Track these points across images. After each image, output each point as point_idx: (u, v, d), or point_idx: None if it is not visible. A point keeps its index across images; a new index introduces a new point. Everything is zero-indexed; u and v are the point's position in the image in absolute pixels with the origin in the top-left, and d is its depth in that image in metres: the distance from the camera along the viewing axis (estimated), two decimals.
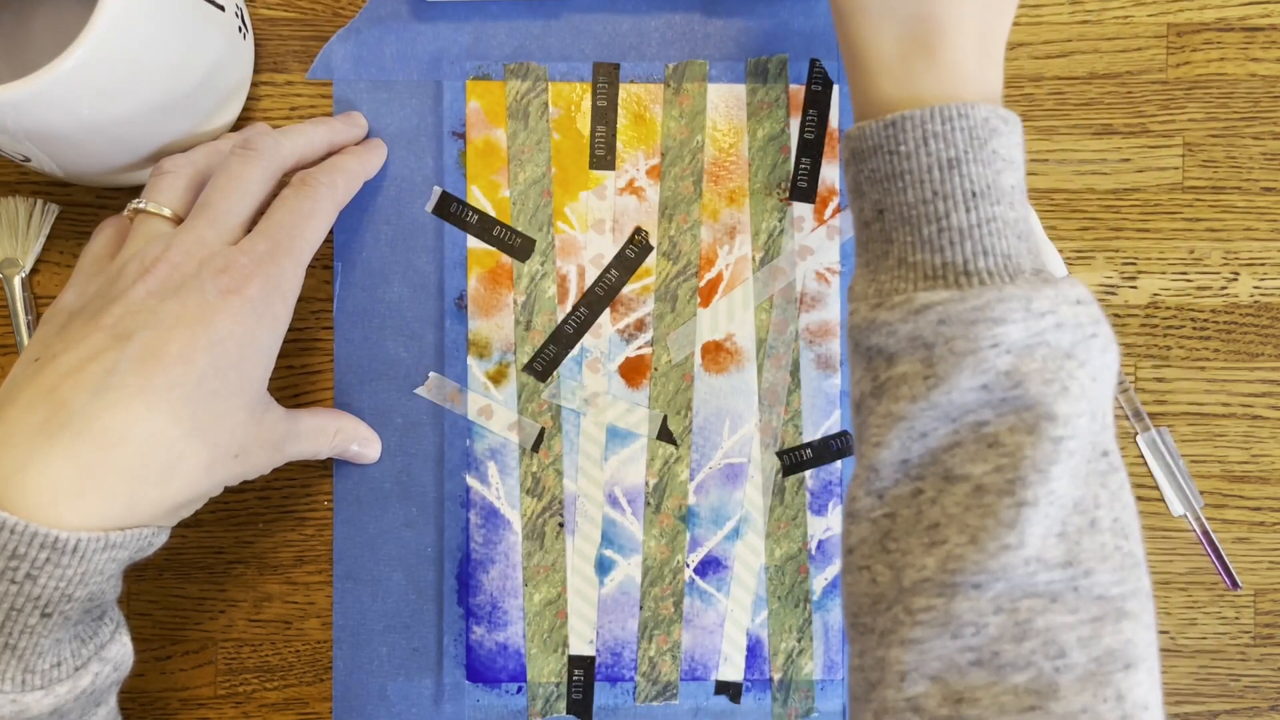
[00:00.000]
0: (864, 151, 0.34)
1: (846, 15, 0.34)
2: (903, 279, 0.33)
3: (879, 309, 0.33)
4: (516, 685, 0.46)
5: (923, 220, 0.32)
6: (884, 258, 0.33)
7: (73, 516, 0.32)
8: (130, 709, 0.46)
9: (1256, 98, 0.46)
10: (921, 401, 0.32)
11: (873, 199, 0.33)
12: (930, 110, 0.32)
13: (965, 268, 0.32)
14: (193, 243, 0.36)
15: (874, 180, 0.33)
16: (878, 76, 0.34)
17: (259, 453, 0.37)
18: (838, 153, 0.46)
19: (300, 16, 0.46)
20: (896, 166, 0.33)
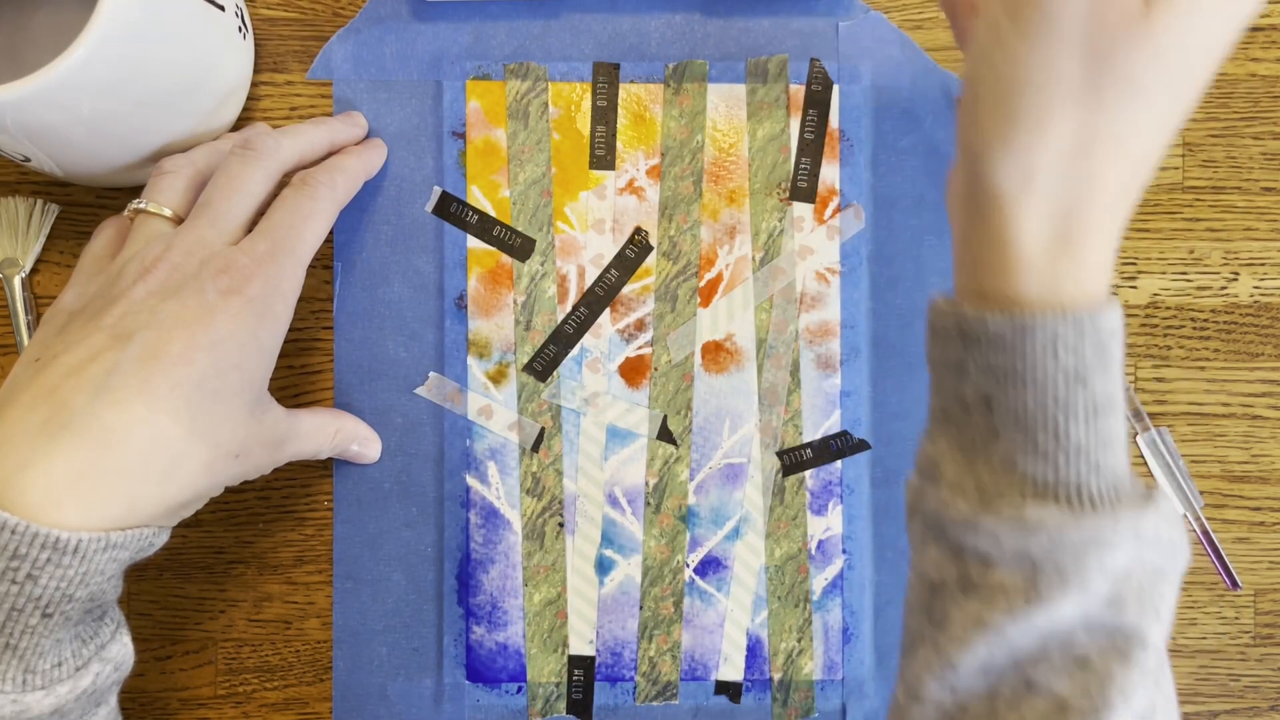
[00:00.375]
0: (980, 339, 0.31)
1: (998, 196, 0.31)
2: (1010, 484, 0.31)
3: (984, 512, 0.31)
4: (516, 685, 0.46)
5: (1039, 428, 0.31)
6: (987, 452, 0.32)
7: (74, 517, 0.32)
8: (130, 709, 0.46)
9: (1256, 98, 0.46)
10: (1019, 617, 0.31)
11: (981, 388, 0.32)
12: (1066, 318, 0.30)
13: (1078, 487, 0.31)
14: (193, 243, 0.36)
15: (987, 371, 0.31)
16: (1016, 268, 0.31)
17: (259, 452, 0.37)
18: (837, 151, 0.46)
19: (300, 16, 0.46)
20: (1018, 367, 0.31)
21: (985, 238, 0.32)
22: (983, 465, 0.32)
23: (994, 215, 0.31)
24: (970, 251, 0.33)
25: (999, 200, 0.31)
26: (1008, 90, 0.30)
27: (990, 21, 0.31)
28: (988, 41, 0.31)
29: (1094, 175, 0.30)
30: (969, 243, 0.33)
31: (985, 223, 0.32)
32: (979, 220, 0.32)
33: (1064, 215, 0.31)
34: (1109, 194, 0.31)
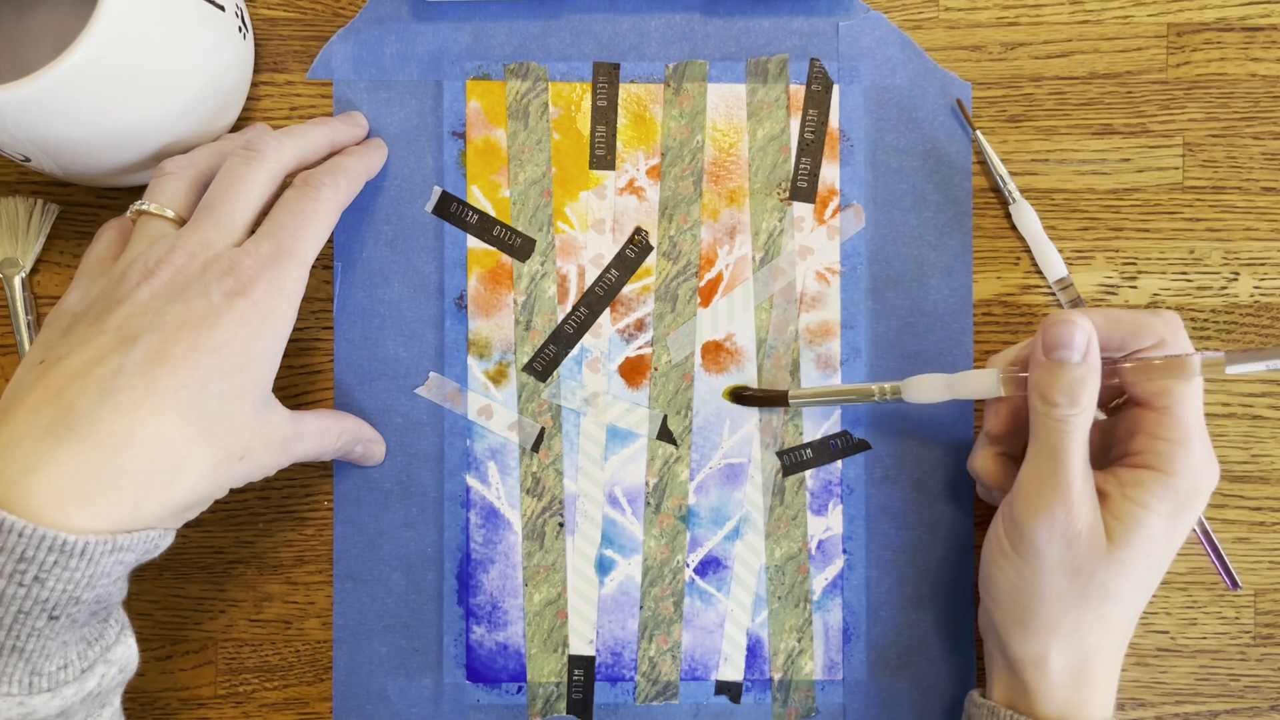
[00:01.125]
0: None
1: (1021, 663, 0.40)
2: None
3: None
4: (516, 685, 0.46)
5: None
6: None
7: (80, 519, 0.32)
8: (131, 709, 0.46)
9: (1256, 98, 0.46)
10: None
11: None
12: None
13: None
14: (196, 244, 0.36)
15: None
16: (1043, 688, 0.40)
17: (264, 454, 0.37)
18: (837, 151, 0.46)
19: (300, 16, 0.46)
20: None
21: (1015, 680, 0.40)
22: None
23: (1020, 671, 0.40)
24: (1002, 676, 0.41)
25: (1024, 666, 0.40)
26: (1015, 592, 0.39)
27: (997, 539, 0.40)
28: (997, 555, 0.40)
29: (1090, 647, 0.39)
30: (999, 671, 0.41)
31: (1014, 672, 0.40)
32: (1010, 668, 0.41)
33: (1073, 673, 0.39)
34: (1104, 655, 0.40)
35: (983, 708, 0.41)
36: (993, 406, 0.42)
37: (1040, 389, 0.38)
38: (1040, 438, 0.38)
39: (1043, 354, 0.38)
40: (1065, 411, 0.37)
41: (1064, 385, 0.37)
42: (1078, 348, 0.37)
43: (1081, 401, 0.37)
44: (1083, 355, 0.37)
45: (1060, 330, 0.37)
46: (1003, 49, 0.46)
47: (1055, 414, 0.37)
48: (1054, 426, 0.37)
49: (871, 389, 0.43)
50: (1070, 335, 0.37)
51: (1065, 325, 0.37)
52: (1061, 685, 0.39)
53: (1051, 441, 0.37)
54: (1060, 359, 0.37)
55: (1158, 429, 0.38)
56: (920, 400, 0.42)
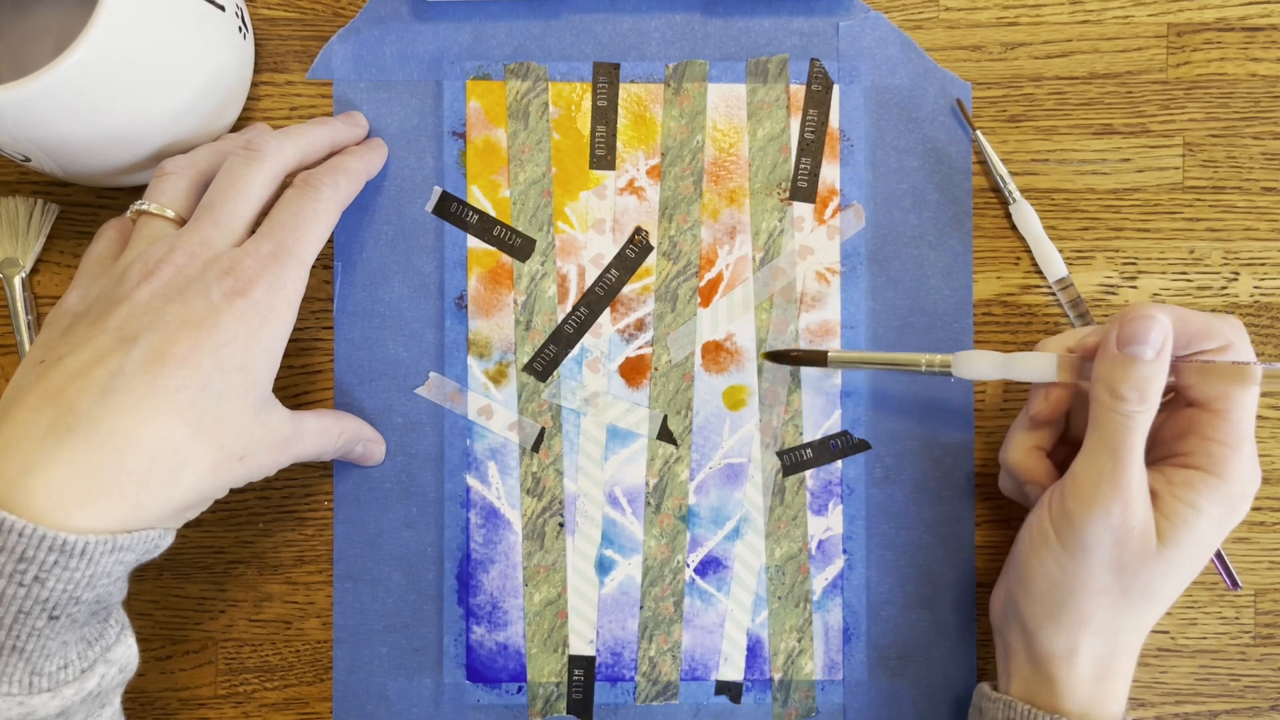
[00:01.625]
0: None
1: (1050, 656, 0.40)
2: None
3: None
4: (516, 685, 0.46)
5: None
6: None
7: (80, 519, 0.32)
8: (131, 709, 0.46)
9: (1256, 98, 0.46)
10: None
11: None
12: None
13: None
14: (197, 244, 0.36)
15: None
16: (1069, 682, 0.40)
17: (264, 454, 0.37)
18: (837, 151, 0.46)
19: (300, 16, 0.46)
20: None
21: (1038, 674, 0.40)
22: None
23: (1046, 664, 0.40)
24: (1021, 669, 0.41)
25: (1051, 659, 0.40)
26: (1054, 586, 0.39)
27: (1041, 531, 0.40)
28: (1040, 547, 0.40)
29: (1120, 644, 0.39)
30: (1019, 663, 0.41)
31: (1038, 665, 0.40)
32: (1033, 661, 0.41)
33: (1099, 668, 0.39)
34: (1131, 652, 0.40)
35: (997, 702, 0.41)
36: (1041, 391, 0.42)
37: (1109, 382, 0.37)
38: (1102, 431, 0.38)
39: (1115, 346, 0.37)
40: (1133, 407, 0.37)
41: (1134, 380, 0.37)
42: (1154, 344, 0.37)
43: (1150, 398, 0.37)
44: (1157, 352, 0.37)
45: (1138, 325, 0.37)
46: (1003, 49, 0.46)
47: (1122, 409, 0.37)
48: (1119, 421, 0.37)
49: (919, 359, 0.42)
50: (1148, 331, 0.37)
51: (1145, 320, 0.37)
52: (1087, 680, 0.39)
53: (1115, 436, 0.37)
54: (1134, 354, 0.37)
55: (1213, 431, 0.38)
56: (970, 377, 0.41)
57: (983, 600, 0.46)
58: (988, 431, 0.47)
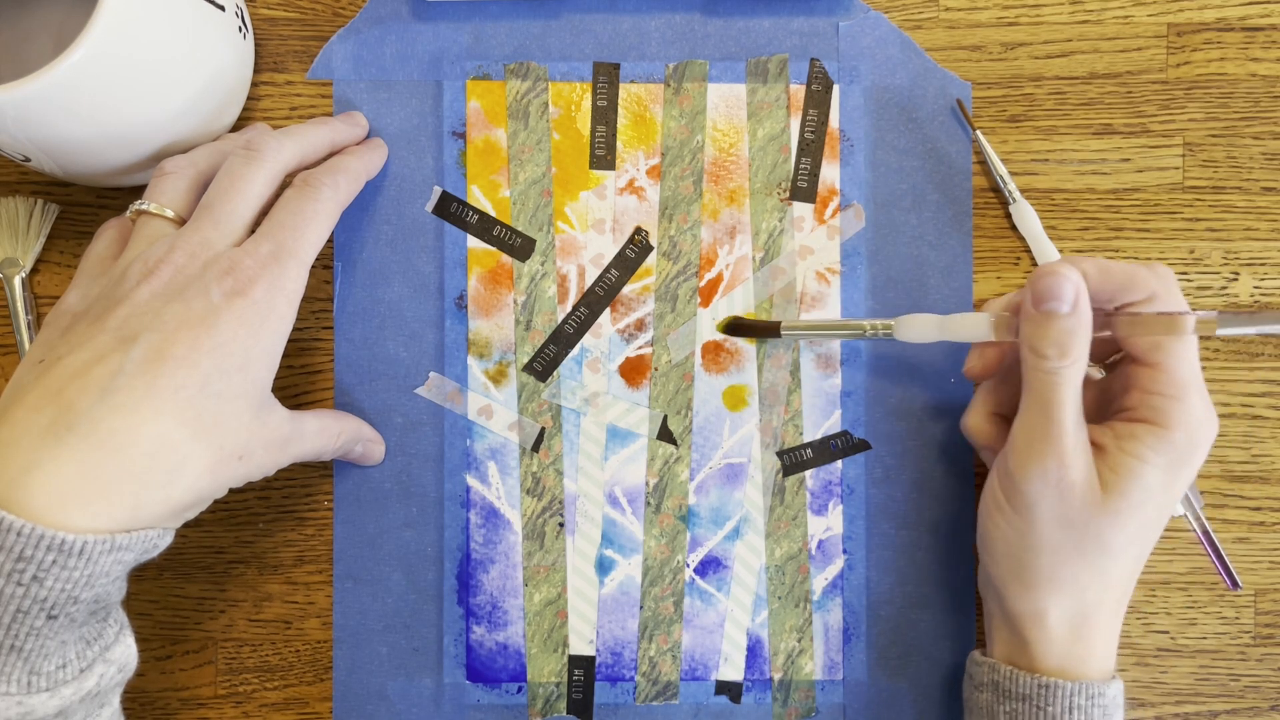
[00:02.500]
0: (1010, 692, 0.40)
1: (1021, 618, 0.40)
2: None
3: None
4: (516, 685, 0.46)
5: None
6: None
7: (79, 519, 0.32)
8: (131, 709, 0.46)
9: (1256, 98, 0.46)
10: None
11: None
12: (1078, 685, 0.39)
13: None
14: (196, 244, 0.36)
15: (1013, 718, 0.40)
16: (1042, 643, 0.40)
17: (264, 454, 0.37)
18: (837, 151, 0.46)
19: (300, 16, 0.46)
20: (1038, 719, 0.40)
21: (1015, 636, 0.41)
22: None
23: (1019, 626, 0.40)
24: (1001, 633, 0.42)
25: (1022, 619, 0.40)
26: (1010, 547, 0.40)
27: (993, 495, 0.40)
28: (992, 509, 0.40)
29: (1088, 601, 0.39)
30: (999, 628, 0.42)
31: (1013, 627, 0.41)
32: (1008, 624, 0.41)
33: (1072, 627, 0.40)
34: (1104, 609, 0.40)
35: (983, 665, 0.42)
36: (978, 349, 0.42)
37: (1030, 341, 0.38)
38: (1032, 389, 0.38)
39: (1032, 306, 0.38)
40: (1055, 363, 0.37)
41: (1053, 337, 0.37)
42: (1066, 299, 0.37)
43: (1072, 353, 0.37)
44: (1071, 306, 0.37)
45: (1048, 282, 0.37)
46: (1003, 49, 0.46)
47: (1045, 365, 0.37)
48: (1044, 379, 0.37)
49: (863, 324, 0.43)
50: (1059, 287, 0.37)
51: (1053, 277, 0.37)
52: (1061, 639, 0.40)
53: (1043, 393, 0.38)
54: (1050, 310, 0.37)
55: (1151, 384, 0.38)
56: (910, 339, 0.42)
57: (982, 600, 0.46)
58: None
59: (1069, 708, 0.39)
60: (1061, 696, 0.39)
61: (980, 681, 0.42)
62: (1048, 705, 0.39)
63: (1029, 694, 0.40)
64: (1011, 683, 0.40)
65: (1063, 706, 0.39)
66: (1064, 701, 0.39)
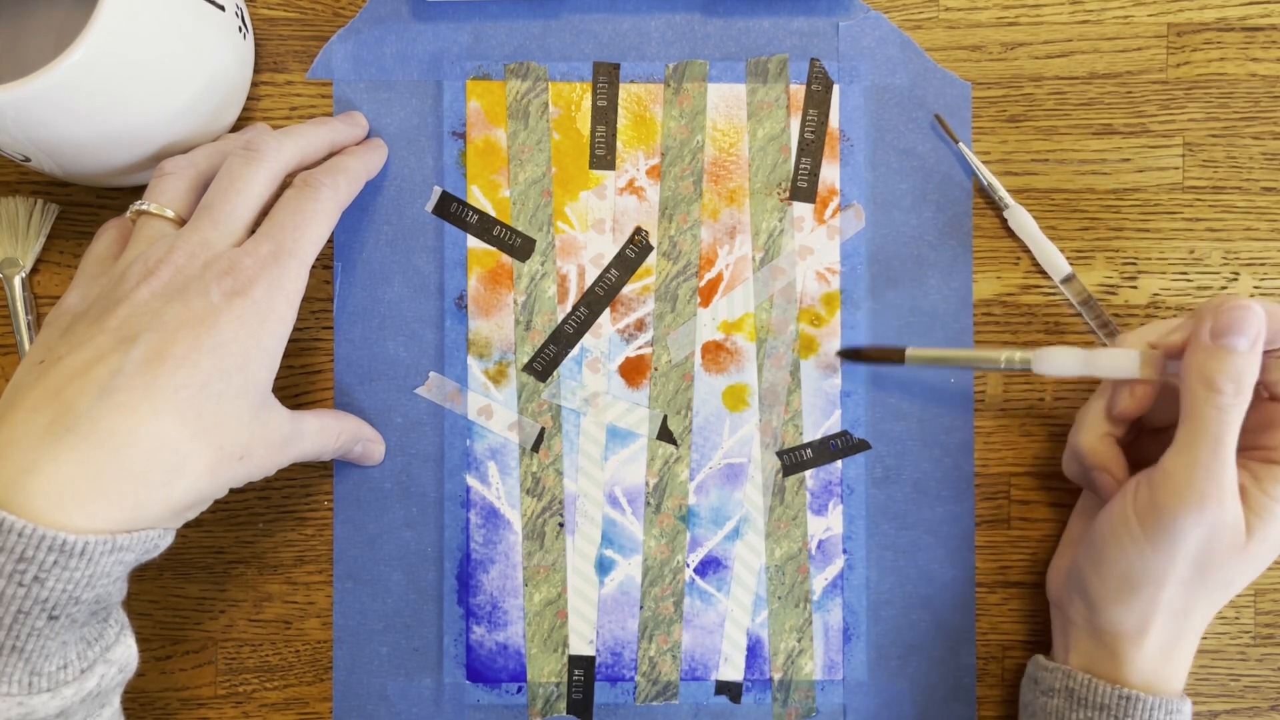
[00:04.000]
0: (1086, 700, 0.40)
1: (1117, 635, 0.40)
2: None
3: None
4: (516, 685, 0.46)
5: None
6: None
7: (79, 519, 0.32)
8: (131, 709, 0.46)
9: (1256, 98, 0.46)
10: None
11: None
12: (1159, 700, 0.39)
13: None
14: (196, 244, 0.36)
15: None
16: (1133, 659, 0.40)
17: (263, 454, 0.37)
18: (837, 151, 0.46)
19: (300, 16, 0.46)
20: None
21: (1102, 649, 0.41)
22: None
23: (1111, 641, 0.40)
24: (1082, 642, 0.41)
25: (1118, 637, 0.40)
26: (1131, 573, 0.39)
27: (1124, 520, 0.39)
28: (1121, 534, 0.39)
29: (1188, 627, 0.40)
30: (1081, 637, 0.41)
31: (1102, 640, 0.41)
32: (1096, 636, 0.41)
33: (1165, 647, 0.40)
34: (1198, 632, 0.40)
35: (1055, 671, 0.41)
36: (1127, 388, 0.41)
37: (1205, 374, 0.37)
38: (1196, 424, 0.37)
39: (1209, 337, 0.37)
40: (1229, 400, 0.36)
41: (1230, 372, 0.36)
42: (1249, 335, 0.36)
43: (1245, 390, 0.36)
44: (1251, 343, 0.36)
45: (1236, 315, 0.36)
46: (1003, 49, 0.46)
47: (1218, 402, 0.36)
48: (1214, 415, 0.36)
49: (999, 357, 0.42)
50: (1244, 322, 0.36)
51: (1241, 310, 0.36)
52: (1152, 657, 0.40)
53: (1211, 430, 0.36)
54: (1229, 345, 0.36)
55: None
56: (1051, 374, 0.41)
57: (983, 600, 0.46)
58: (987, 432, 0.47)
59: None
60: (1142, 710, 0.39)
61: (1050, 687, 0.41)
62: (1126, 717, 0.39)
63: (1108, 704, 0.39)
64: (1089, 691, 0.40)
65: (1141, 719, 0.39)
66: (1143, 715, 0.39)
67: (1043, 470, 0.47)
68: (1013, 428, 0.47)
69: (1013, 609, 0.47)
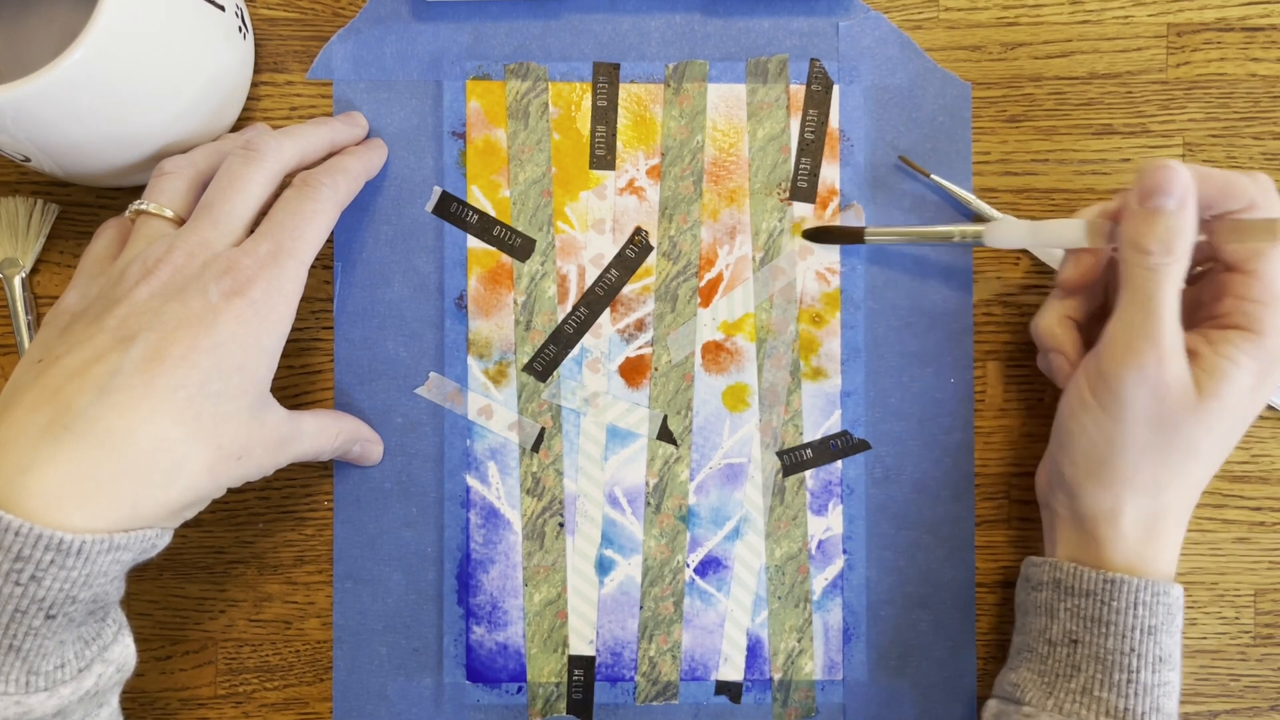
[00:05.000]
0: (1073, 588, 0.40)
1: (1094, 516, 0.40)
2: (1087, 708, 0.39)
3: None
4: (516, 685, 0.46)
5: (1116, 667, 0.39)
6: (1067, 680, 0.40)
7: (77, 518, 0.32)
8: (130, 709, 0.46)
9: (1256, 98, 0.46)
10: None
11: (1069, 628, 0.40)
12: (1144, 582, 0.39)
13: (1143, 717, 0.38)
14: (195, 244, 0.36)
15: (1077, 616, 0.40)
16: (1113, 540, 0.40)
17: (262, 454, 0.37)
18: (837, 151, 0.46)
19: (300, 16, 0.46)
20: (1104, 616, 0.39)
21: (1083, 535, 0.41)
22: (1065, 694, 0.40)
23: (1091, 525, 0.40)
24: (1067, 533, 0.42)
25: (1095, 518, 0.40)
26: (1094, 446, 0.39)
27: (1079, 396, 0.40)
28: (1078, 409, 0.40)
29: (1164, 502, 0.40)
30: (1065, 528, 0.42)
31: (1083, 527, 0.41)
32: (1078, 524, 0.41)
33: (1145, 527, 0.40)
34: (1176, 510, 0.40)
35: (1042, 565, 0.42)
36: (1072, 256, 0.42)
37: (1134, 237, 0.37)
38: (1132, 288, 0.38)
39: (1138, 201, 0.38)
40: (1159, 259, 0.37)
41: (1158, 233, 0.37)
42: (1175, 194, 0.37)
43: (1176, 250, 0.37)
44: (1179, 203, 0.37)
45: (1159, 176, 0.37)
46: (1003, 49, 0.46)
47: (1149, 262, 0.37)
48: (1147, 275, 0.37)
49: (951, 230, 0.43)
50: (1168, 182, 0.37)
51: (1164, 171, 0.37)
52: (1133, 538, 0.40)
53: (1145, 290, 0.37)
54: (1156, 206, 0.37)
55: (1246, 291, 0.39)
56: (1000, 245, 0.42)
57: (983, 600, 0.46)
58: (988, 432, 0.47)
59: (1133, 603, 0.39)
60: (1127, 592, 0.39)
61: (1039, 581, 0.42)
62: (1112, 600, 0.39)
63: (1093, 589, 0.39)
64: (1075, 579, 0.40)
65: (1127, 602, 0.39)
66: (1129, 597, 0.39)
67: None
68: (1013, 428, 0.47)
69: (1013, 609, 0.47)
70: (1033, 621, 0.42)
